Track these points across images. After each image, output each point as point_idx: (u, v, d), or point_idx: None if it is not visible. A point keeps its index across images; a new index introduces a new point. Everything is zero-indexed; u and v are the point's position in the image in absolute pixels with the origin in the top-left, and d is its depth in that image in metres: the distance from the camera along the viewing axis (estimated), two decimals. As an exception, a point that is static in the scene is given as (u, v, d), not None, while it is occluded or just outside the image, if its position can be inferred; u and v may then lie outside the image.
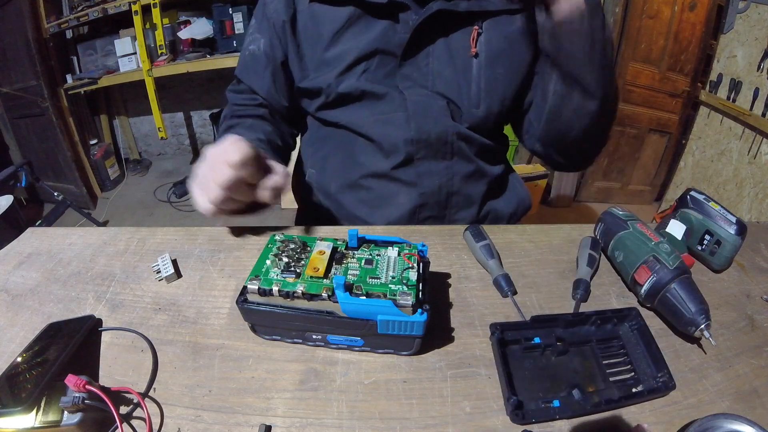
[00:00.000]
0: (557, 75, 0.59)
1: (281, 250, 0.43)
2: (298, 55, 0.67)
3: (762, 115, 1.72)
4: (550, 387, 0.40)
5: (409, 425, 0.37)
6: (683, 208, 0.57)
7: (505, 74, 0.64)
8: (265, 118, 0.70)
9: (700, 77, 2.20)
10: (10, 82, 2.42)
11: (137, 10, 2.19)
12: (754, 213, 1.80)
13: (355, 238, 0.44)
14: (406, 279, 0.40)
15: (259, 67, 0.68)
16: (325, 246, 0.43)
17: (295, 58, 0.67)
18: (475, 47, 0.63)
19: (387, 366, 0.42)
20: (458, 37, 0.63)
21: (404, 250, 0.44)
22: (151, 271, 0.52)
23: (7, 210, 1.88)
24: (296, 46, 0.66)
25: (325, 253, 0.42)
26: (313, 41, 0.64)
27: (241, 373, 0.41)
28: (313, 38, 0.64)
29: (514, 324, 0.44)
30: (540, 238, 0.59)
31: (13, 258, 0.56)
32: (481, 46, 0.63)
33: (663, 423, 0.37)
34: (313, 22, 0.64)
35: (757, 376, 0.42)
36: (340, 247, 0.44)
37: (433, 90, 0.64)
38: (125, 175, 2.96)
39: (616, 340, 0.45)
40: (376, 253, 0.44)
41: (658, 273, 0.45)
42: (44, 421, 0.34)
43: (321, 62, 0.64)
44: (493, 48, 0.63)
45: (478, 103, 0.65)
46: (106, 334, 0.45)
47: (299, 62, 0.67)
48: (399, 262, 0.42)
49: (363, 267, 0.42)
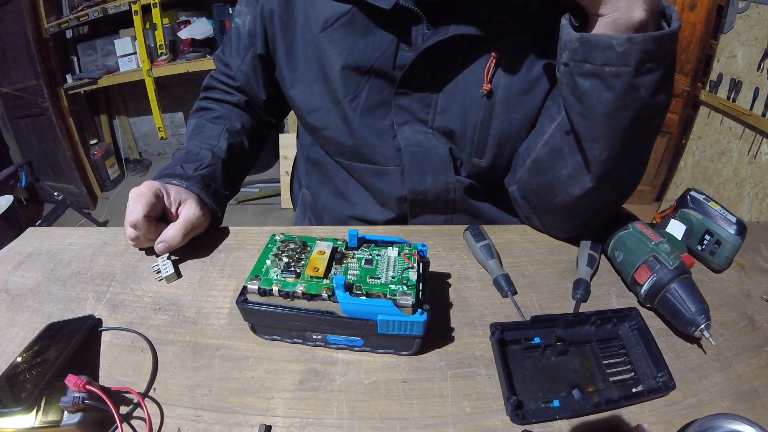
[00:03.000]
0: (558, 123, 0.46)
1: (281, 250, 0.43)
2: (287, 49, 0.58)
3: (762, 115, 1.72)
4: (550, 387, 0.40)
5: (409, 425, 0.37)
6: (683, 208, 0.57)
7: (522, 120, 0.52)
8: (239, 105, 0.68)
9: (700, 77, 2.19)
10: (10, 82, 2.42)
11: (137, 10, 2.18)
12: (754, 213, 1.80)
13: (355, 238, 0.44)
14: (406, 279, 0.40)
15: (240, 47, 0.63)
16: (325, 246, 0.43)
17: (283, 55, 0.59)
18: (489, 82, 0.50)
19: (387, 366, 0.42)
20: (473, 66, 0.51)
21: (404, 250, 0.44)
22: (151, 271, 0.52)
23: (7, 210, 1.88)
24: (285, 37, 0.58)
25: (325, 253, 0.42)
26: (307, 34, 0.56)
27: (241, 373, 0.41)
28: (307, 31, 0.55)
29: (514, 324, 0.44)
30: (540, 238, 0.59)
31: (13, 258, 0.56)
32: (499, 79, 0.50)
33: (663, 423, 0.37)
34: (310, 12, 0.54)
35: (757, 376, 0.42)
36: (340, 247, 0.44)
37: (433, 127, 0.55)
38: (125, 175, 2.96)
39: (616, 340, 0.45)
40: (376, 253, 0.43)
41: (658, 273, 0.45)
42: (44, 421, 0.34)
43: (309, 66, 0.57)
44: (515, 83, 0.50)
45: (483, 152, 0.54)
46: (106, 334, 0.45)
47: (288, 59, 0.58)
48: (399, 262, 0.42)
49: (363, 267, 0.42)
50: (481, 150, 0.54)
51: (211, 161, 0.60)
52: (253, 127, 0.70)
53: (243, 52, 0.63)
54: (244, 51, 0.63)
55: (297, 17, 0.56)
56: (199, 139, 0.63)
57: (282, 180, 2.19)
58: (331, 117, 0.58)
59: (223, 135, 0.64)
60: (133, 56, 2.39)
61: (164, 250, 0.52)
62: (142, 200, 0.50)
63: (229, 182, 0.63)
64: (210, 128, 0.65)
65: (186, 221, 0.53)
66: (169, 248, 0.52)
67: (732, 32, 1.85)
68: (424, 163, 0.55)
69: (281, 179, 2.20)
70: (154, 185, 0.52)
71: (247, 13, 0.61)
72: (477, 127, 0.53)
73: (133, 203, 0.50)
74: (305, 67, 0.58)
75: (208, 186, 0.58)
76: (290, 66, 0.59)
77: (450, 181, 0.57)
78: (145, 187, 0.51)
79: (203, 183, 0.57)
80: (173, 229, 0.52)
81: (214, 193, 0.59)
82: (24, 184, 2.14)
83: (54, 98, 2.39)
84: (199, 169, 0.58)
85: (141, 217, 0.49)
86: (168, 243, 0.52)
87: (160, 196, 0.52)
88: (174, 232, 0.52)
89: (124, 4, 2.19)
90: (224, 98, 0.68)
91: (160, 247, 0.52)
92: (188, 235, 0.54)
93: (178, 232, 0.52)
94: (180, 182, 0.56)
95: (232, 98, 0.68)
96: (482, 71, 0.50)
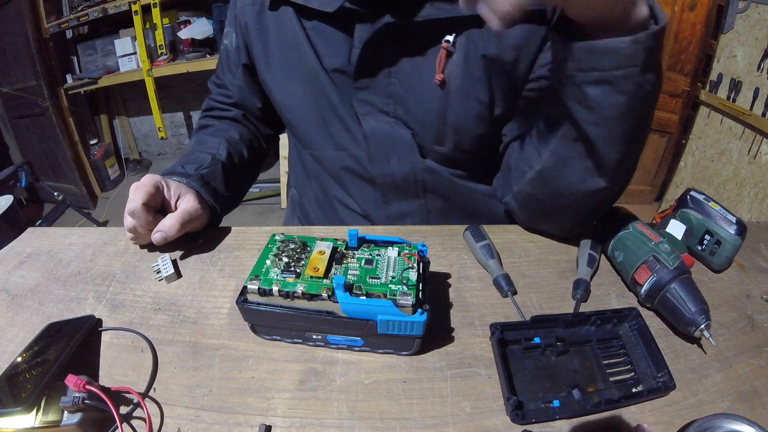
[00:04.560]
0: (563, 133, 0.44)
1: (281, 250, 0.43)
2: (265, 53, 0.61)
3: (762, 115, 1.72)
4: (550, 387, 0.40)
5: (409, 425, 0.37)
6: (683, 208, 0.57)
7: (479, 107, 0.52)
8: (237, 119, 0.71)
9: (700, 77, 2.19)
10: (10, 82, 2.42)
11: (137, 10, 2.19)
12: (754, 213, 1.80)
13: (355, 238, 0.44)
14: (406, 279, 0.40)
15: (231, 64, 0.67)
16: (325, 246, 0.43)
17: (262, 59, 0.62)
18: (443, 72, 0.51)
19: (387, 366, 0.42)
20: (426, 56, 0.52)
21: (404, 250, 0.44)
22: (151, 271, 0.52)
23: (7, 210, 1.88)
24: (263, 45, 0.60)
25: (325, 253, 0.42)
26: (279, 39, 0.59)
27: (241, 373, 0.41)
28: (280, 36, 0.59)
29: (514, 324, 0.44)
30: (540, 238, 0.59)
31: (13, 258, 0.56)
32: (452, 69, 0.51)
33: (663, 423, 0.37)
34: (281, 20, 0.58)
35: (757, 376, 0.42)
36: (340, 247, 0.44)
37: (395, 115, 0.56)
38: (125, 175, 2.96)
39: (616, 340, 0.45)
40: (376, 253, 0.43)
41: (658, 273, 0.45)
42: (44, 421, 0.34)
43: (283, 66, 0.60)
44: (469, 72, 0.50)
45: (443, 140, 0.55)
46: (106, 334, 0.45)
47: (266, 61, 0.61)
48: (399, 262, 0.42)
49: (363, 267, 0.42)
50: (441, 138, 0.55)
51: (211, 163, 0.63)
52: (251, 139, 0.73)
53: (234, 68, 0.67)
54: (234, 66, 0.67)
55: (268, 26, 0.60)
56: (200, 149, 0.66)
57: (282, 180, 2.19)
58: (305, 111, 0.61)
59: (222, 144, 0.67)
60: (133, 56, 2.39)
61: (161, 240, 0.52)
62: (142, 190, 0.51)
63: (228, 184, 0.64)
64: (210, 140, 0.67)
65: (183, 212, 0.53)
66: (166, 238, 0.52)
67: (732, 32, 1.85)
68: (390, 147, 0.57)
69: (281, 179, 2.21)
70: (154, 177, 0.54)
71: (231, 32, 0.66)
72: (435, 116, 0.54)
73: (133, 193, 0.52)
74: (279, 68, 0.61)
75: (207, 184, 0.60)
76: (268, 68, 0.62)
77: (416, 164, 0.58)
78: (146, 179, 0.53)
79: (203, 181, 0.59)
80: (170, 219, 0.53)
81: (214, 192, 0.60)
82: (24, 184, 2.14)
83: (54, 98, 2.39)
84: (199, 169, 0.61)
85: (140, 205, 0.50)
86: (165, 233, 0.52)
87: (160, 188, 0.54)
88: (171, 222, 0.52)
89: (124, 4, 2.19)
90: (222, 115, 0.72)
91: (156, 237, 0.52)
92: (185, 226, 0.54)
93: (175, 222, 0.52)
94: (180, 179, 0.57)
95: (229, 114, 0.72)
96: (434, 62, 0.51)
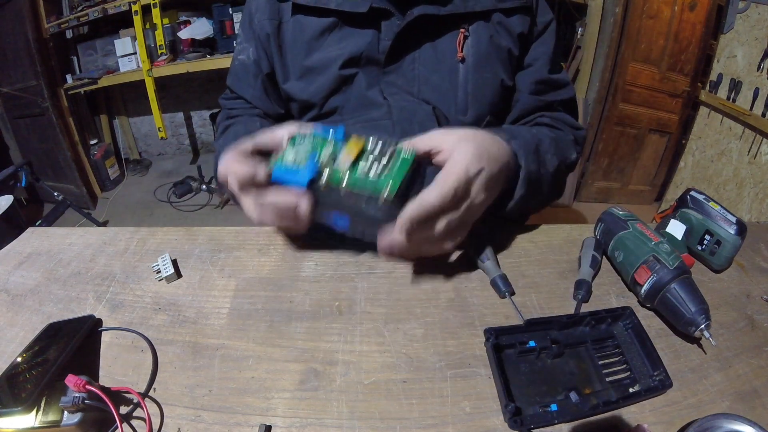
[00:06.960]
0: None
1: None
2: (282, 64, 0.66)
3: (762, 115, 1.72)
4: (547, 390, 0.40)
5: (409, 425, 0.37)
6: (683, 208, 0.57)
7: (492, 78, 0.63)
8: (261, 116, 0.70)
9: (700, 77, 2.19)
10: (10, 82, 2.42)
11: (137, 10, 2.19)
12: (754, 213, 1.80)
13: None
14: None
15: (249, 77, 0.68)
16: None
17: (280, 69, 0.66)
18: (462, 51, 0.61)
19: (387, 366, 0.42)
20: (445, 42, 0.62)
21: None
22: (151, 271, 0.52)
23: (7, 210, 1.87)
24: (281, 57, 0.65)
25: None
26: (296, 49, 0.64)
27: (241, 373, 0.41)
28: (296, 47, 0.64)
29: (509, 328, 0.44)
30: (540, 238, 0.59)
31: (13, 258, 0.56)
32: (468, 49, 0.61)
33: (663, 423, 0.37)
34: (297, 32, 0.63)
35: (757, 376, 0.42)
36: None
37: (419, 97, 0.63)
38: (125, 175, 2.96)
39: (610, 339, 0.45)
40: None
41: (658, 273, 0.45)
42: (44, 421, 0.34)
43: (304, 70, 0.63)
44: (481, 51, 0.62)
45: (466, 109, 0.64)
46: (106, 334, 0.45)
47: (283, 70, 0.66)
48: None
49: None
50: (464, 107, 0.63)
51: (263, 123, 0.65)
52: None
53: (253, 80, 0.68)
54: (253, 79, 0.68)
55: (286, 38, 0.64)
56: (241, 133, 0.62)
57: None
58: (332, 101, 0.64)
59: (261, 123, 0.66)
60: (133, 56, 2.39)
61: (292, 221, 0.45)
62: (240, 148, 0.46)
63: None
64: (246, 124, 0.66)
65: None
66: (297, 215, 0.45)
67: (732, 32, 1.85)
68: (412, 116, 0.62)
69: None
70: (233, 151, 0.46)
71: (248, 47, 0.67)
72: (459, 88, 0.63)
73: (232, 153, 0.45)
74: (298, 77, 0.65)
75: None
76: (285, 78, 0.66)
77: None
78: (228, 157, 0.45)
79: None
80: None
81: None
82: (24, 184, 2.14)
83: (54, 98, 2.39)
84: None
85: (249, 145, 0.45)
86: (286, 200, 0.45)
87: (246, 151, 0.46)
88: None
89: (124, 4, 2.19)
90: (245, 113, 0.72)
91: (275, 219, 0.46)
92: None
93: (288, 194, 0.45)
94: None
95: (251, 112, 0.72)
96: (454, 44, 0.61)
